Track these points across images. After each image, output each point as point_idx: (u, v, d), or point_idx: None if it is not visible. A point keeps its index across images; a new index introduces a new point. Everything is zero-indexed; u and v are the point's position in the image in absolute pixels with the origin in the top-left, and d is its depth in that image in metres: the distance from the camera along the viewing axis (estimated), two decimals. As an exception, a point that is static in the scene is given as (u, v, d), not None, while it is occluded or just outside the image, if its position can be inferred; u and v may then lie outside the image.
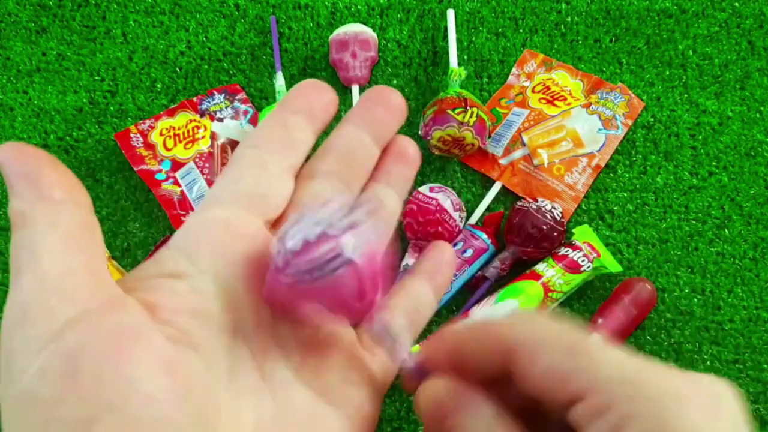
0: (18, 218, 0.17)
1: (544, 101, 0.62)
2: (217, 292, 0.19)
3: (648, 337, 0.55)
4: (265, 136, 0.22)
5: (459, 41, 0.64)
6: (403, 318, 0.23)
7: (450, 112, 0.55)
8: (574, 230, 0.56)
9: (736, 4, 0.66)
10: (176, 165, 0.60)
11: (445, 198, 0.55)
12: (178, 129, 0.61)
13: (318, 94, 0.23)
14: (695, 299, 0.56)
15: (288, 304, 0.19)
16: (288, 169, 0.22)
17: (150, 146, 0.60)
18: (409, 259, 0.55)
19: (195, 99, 0.63)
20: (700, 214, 0.59)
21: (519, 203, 0.56)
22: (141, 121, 0.61)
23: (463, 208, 0.57)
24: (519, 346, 0.18)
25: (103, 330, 0.16)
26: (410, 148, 0.24)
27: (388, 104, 0.23)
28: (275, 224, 0.21)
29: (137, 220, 0.59)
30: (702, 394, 0.16)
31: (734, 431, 0.16)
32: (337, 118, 0.23)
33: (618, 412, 0.16)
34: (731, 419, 0.16)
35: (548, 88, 0.63)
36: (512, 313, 0.20)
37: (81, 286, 0.16)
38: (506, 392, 0.19)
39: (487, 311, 0.52)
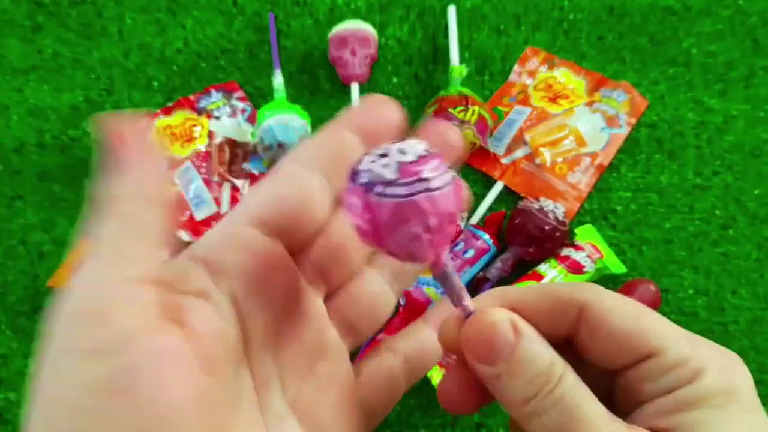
0: (101, 203, 0.18)
1: (546, 99, 0.61)
2: (234, 316, 0.19)
3: (652, 339, 0.54)
4: (315, 151, 0.21)
5: (460, 38, 0.64)
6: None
7: (451, 110, 0.55)
8: (576, 230, 0.55)
9: (741, 1, 0.65)
10: (173, 164, 0.59)
11: (445, 198, 0.54)
12: (175, 128, 0.61)
13: (385, 114, 0.21)
14: (699, 300, 0.56)
15: (388, 230, 0.18)
16: (326, 192, 0.20)
17: (146, 145, 0.60)
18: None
19: (192, 97, 0.62)
20: (704, 214, 0.58)
21: (521, 203, 0.56)
22: (137, 120, 0.61)
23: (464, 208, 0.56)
24: (590, 306, 0.19)
25: (152, 351, 0.16)
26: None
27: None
28: (300, 250, 0.21)
29: (133, 220, 0.58)
30: (742, 362, 0.19)
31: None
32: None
33: (691, 367, 0.17)
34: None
35: (550, 86, 0.62)
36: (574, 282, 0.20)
37: (140, 299, 0.16)
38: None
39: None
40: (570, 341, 0.19)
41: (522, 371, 0.18)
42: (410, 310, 0.53)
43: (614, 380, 0.19)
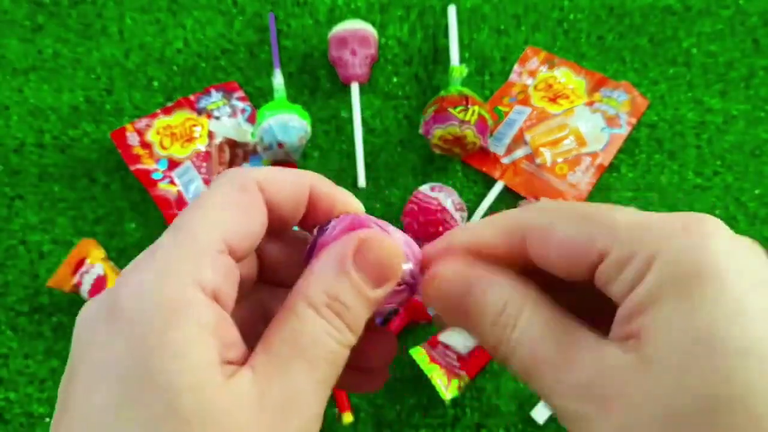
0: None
1: (546, 99, 0.61)
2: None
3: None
4: None
5: (460, 38, 0.64)
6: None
7: (451, 110, 0.55)
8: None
9: (741, 1, 0.65)
10: (173, 164, 0.59)
11: (446, 198, 0.54)
12: (175, 128, 0.60)
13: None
14: (700, 300, 0.56)
15: None
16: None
17: (146, 145, 0.60)
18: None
19: (192, 97, 0.62)
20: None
21: (521, 203, 0.55)
22: (137, 120, 0.61)
23: (465, 208, 0.56)
24: (532, 229, 0.18)
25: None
26: None
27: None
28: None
29: (134, 220, 0.58)
30: (714, 226, 0.16)
31: (753, 254, 0.16)
32: (337, 117, 0.22)
33: (642, 255, 0.16)
34: (747, 243, 0.16)
35: (551, 86, 0.62)
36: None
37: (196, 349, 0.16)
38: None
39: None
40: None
41: (480, 321, 0.19)
42: (410, 309, 0.53)
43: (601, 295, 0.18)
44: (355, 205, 0.22)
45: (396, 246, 0.20)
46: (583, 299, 0.19)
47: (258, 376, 0.17)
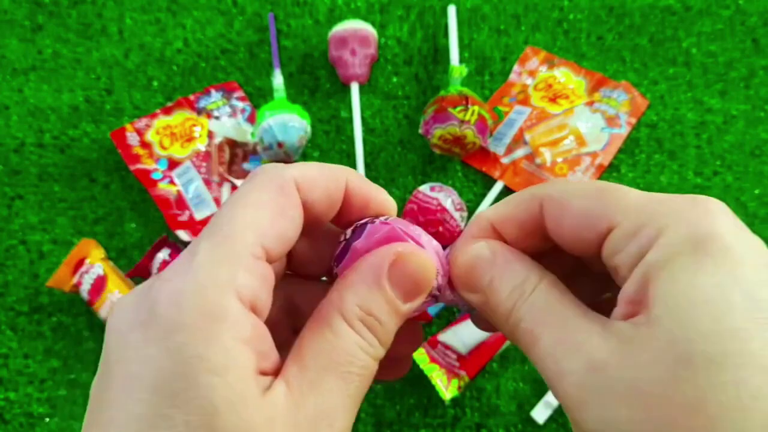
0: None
1: (546, 99, 0.61)
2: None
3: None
4: None
5: (460, 38, 0.64)
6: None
7: (451, 110, 0.55)
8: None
9: (741, 1, 0.65)
10: (172, 164, 0.59)
11: (446, 197, 0.54)
12: (175, 127, 0.60)
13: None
14: (700, 300, 0.56)
15: None
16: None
17: (146, 145, 0.60)
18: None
19: (192, 97, 0.62)
20: (704, 214, 0.58)
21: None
22: (137, 120, 0.61)
23: (465, 208, 0.56)
24: (549, 198, 0.19)
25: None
26: None
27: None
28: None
29: (133, 220, 0.58)
30: (721, 207, 0.17)
31: (753, 236, 0.16)
32: (337, 117, 0.22)
33: (651, 227, 0.16)
34: (746, 228, 0.17)
35: (551, 86, 0.62)
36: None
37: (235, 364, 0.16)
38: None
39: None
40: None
41: (500, 289, 0.19)
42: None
43: (607, 275, 0.19)
44: (389, 204, 0.22)
45: (430, 262, 0.20)
46: (591, 297, 0.20)
47: (292, 390, 0.17)
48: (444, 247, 0.22)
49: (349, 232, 0.21)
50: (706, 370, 0.14)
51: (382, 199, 0.22)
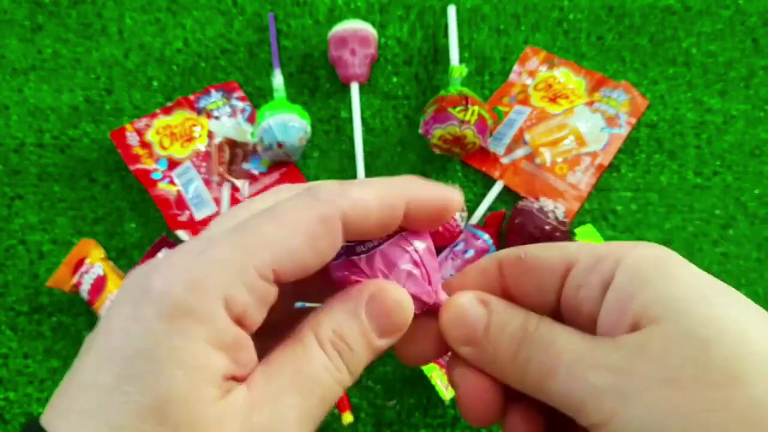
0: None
1: (546, 99, 0.61)
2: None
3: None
4: None
5: (460, 38, 0.64)
6: None
7: (451, 110, 0.55)
8: (576, 230, 0.55)
9: (740, 1, 0.65)
10: (172, 164, 0.59)
11: (445, 198, 0.54)
12: (175, 127, 0.60)
13: None
14: (700, 300, 0.55)
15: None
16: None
17: (146, 145, 0.60)
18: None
19: (192, 97, 0.62)
20: (704, 214, 0.58)
21: (521, 203, 0.55)
22: (137, 120, 0.61)
23: (465, 208, 0.56)
24: (506, 256, 0.21)
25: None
26: None
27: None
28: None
29: (133, 220, 0.58)
30: (664, 248, 0.19)
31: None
32: (337, 117, 0.22)
33: (609, 259, 0.19)
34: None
35: (550, 86, 0.62)
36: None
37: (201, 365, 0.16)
38: None
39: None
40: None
41: (499, 335, 0.20)
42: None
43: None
44: (458, 202, 0.21)
45: (407, 302, 0.20)
46: None
47: (252, 396, 0.17)
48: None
49: (347, 245, 0.21)
50: (724, 344, 0.16)
51: (453, 198, 0.21)
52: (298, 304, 0.23)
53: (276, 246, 0.17)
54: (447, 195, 0.20)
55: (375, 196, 0.19)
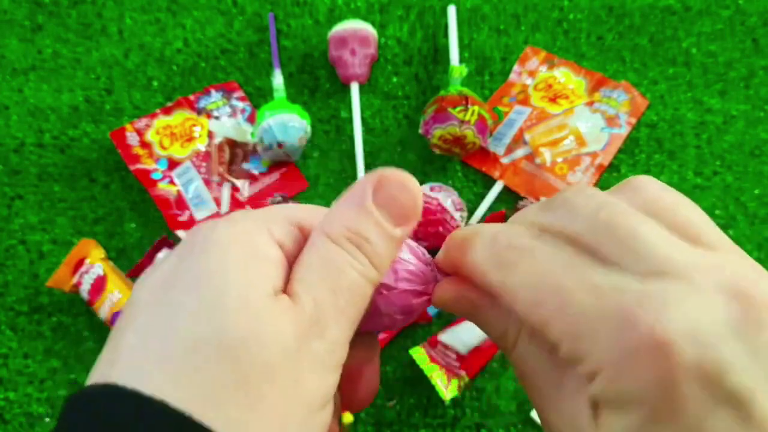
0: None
1: (546, 99, 0.61)
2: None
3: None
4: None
5: (460, 38, 0.64)
6: None
7: (451, 110, 0.55)
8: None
9: (740, 1, 0.65)
10: (172, 164, 0.59)
11: (446, 197, 0.54)
12: (175, 127, 0.60)
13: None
14: (700, 300, 0.55)
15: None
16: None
17: (146, 145, 0.60)
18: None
19: (192, 97, 0.62)
20: (704, 214, 0.58)
21: (521, 203, 0.55)
22: (137, 120, 0.61)
23: (465, 208, 0.56)
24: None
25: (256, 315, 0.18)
26: None
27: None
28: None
29: (133, 220, 0.58)
30: None
31: None
32: (337, 117, 0.22)
33: (586, 368, 0.17)
34: None
35: (550, 86, 0.62)
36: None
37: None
38: None
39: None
40: None
41: (486, 331, 0.21)
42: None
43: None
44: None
45: (412, 183, 0.20)
46: None
47: (293, 299, 0.18)
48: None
49: None
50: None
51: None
52: None
53: (295, 211, 0.21)
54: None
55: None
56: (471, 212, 0.58)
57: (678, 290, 0.15)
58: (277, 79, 0.60)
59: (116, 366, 0.16)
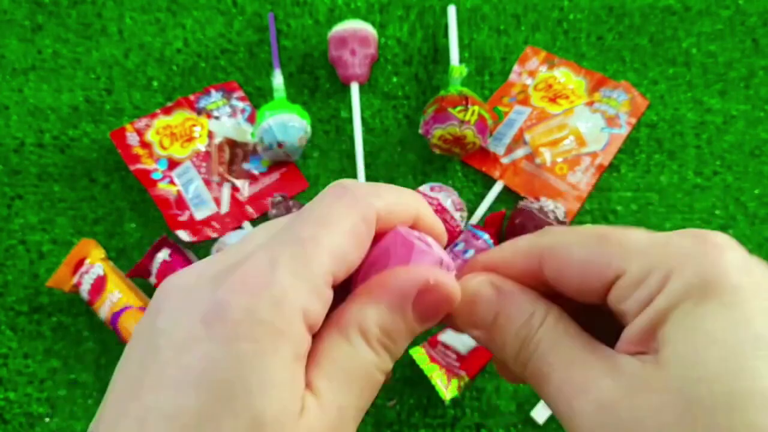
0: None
1: (546, 99, 0.61)
2: None
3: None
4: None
5: (460, 38, 0.64)
6: None
7: (451, 110, 0.55)
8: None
9: (740, 1, 0.65)
10: (172, 164, 0.59)
11: (446, 197, 0.54)
12: (175, 127, 0.60)
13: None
14: (700, 300, 0.55)
15: None
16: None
17: (146, 145, 0.60)
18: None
19: (192, 97, 0.62)
20: (704, 214, 0.58)
21: (521, 203, 0.55)
22: (137, 120, 0.61)
23: (465, 208, 0.56)
24: (549, 250, 0.19)
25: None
26: None
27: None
28: None
29: (133, 220, 0.58)
30: (728, 243, 0.17)
31: (761, 272, 0.16)
32: (337, 117, 0.22)
33: (658, 273, 0.16)
34: (759, 262, 0.17)
35: (550, 86, 0.62)
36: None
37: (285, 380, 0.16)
38: None
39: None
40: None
41: (507, 327, 0.19)
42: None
43: (613, 318, 0.19)
44: (444, 236, 0.22)
45: (456, 289, 0.19)
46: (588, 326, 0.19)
47: (320, 404, 0.17)
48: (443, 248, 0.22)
49: None
50: (714, 412, 0.14)
51: (441, 231, 0.22)
52: None
53: (334, 252, 0.17)
54: (439, 222, 0.22)
55: (396, 196, 0.20)
56: (471, 212, 0.58)
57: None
58: (277, 79, 0.60)
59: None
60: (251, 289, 0.16)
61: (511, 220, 0.55)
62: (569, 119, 0.60)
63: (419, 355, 0.50)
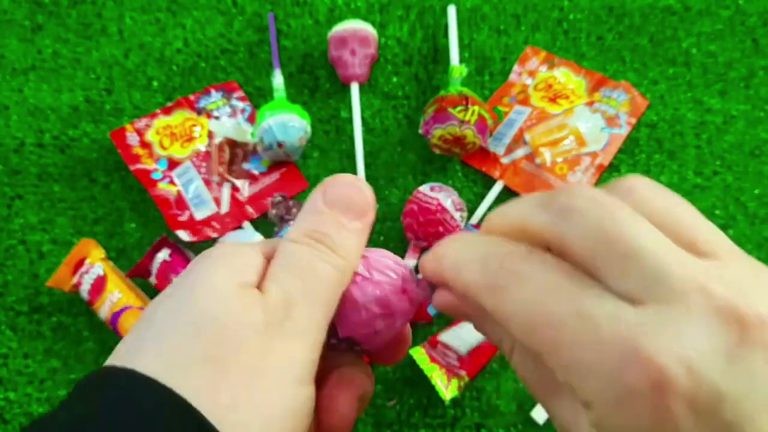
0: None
1: (546, 99, 0.61)
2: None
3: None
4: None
5: (460, 38, 0.64)
6: None
7: (451, 110, 0.55)
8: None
9: (740, 1, 0.65)
10: (172, 164, 0.59)
11: (446, 197, 0.54)
12: (175, 127, 0.60)
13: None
14: (700, 300, 0.55)
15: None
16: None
17: (146, 145, 0.60)
18: (409, 260, 0.54)
19: (192, 97, 0.62)
20: (704, 214, 0.58)
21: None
22: (137, 120, 0.61)
23: (465, 208, 0.56)
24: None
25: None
26: None
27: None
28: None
29: (133, 220, 0.58)
30: None
31: None
32: (337, 117, 0.22)
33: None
34: None
35: (550, 86, 0.62)
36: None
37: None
38: None
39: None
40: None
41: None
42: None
43: None
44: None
45: (362, 182, 0.21)
46: None
47: (263, 289, 0.19)
48: None
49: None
50: None
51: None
52: None
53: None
54: None
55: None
56: (471, 212, 0.58)
57: (673, 318, 0.15)
58: (277, 79, 0.60)
59: (118, 352, 0.18)
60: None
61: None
62: (569, 119, 0.60)
63: (419, 355, 0.50)
